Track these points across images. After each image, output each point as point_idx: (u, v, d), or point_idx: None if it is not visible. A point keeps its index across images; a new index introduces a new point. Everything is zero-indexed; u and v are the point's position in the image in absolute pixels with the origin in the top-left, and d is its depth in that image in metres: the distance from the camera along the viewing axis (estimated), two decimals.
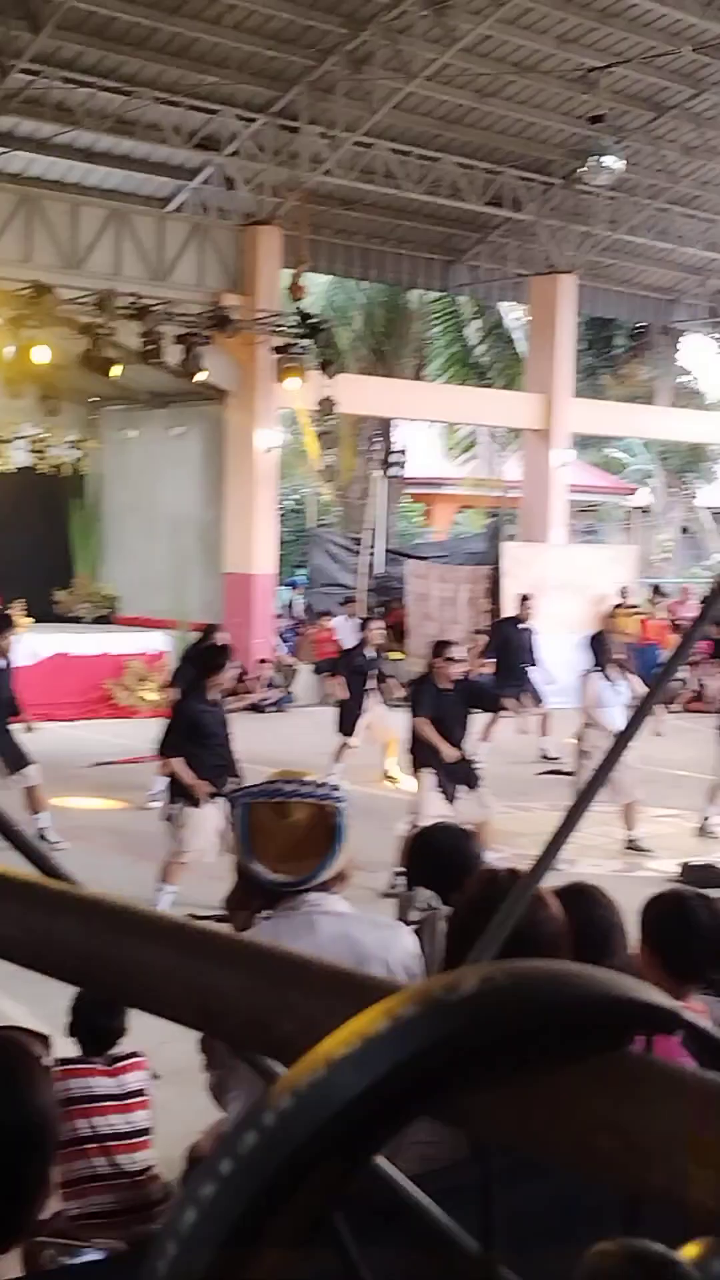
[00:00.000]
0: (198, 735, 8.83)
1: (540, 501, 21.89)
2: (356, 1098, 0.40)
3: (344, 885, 3.18)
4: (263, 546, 19.18)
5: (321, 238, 20.89)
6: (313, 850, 3.08)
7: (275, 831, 3.10)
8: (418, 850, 3.84)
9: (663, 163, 20.69)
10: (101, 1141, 3.94)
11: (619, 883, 6.30)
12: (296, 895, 3.07)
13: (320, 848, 3.08)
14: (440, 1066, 0.41)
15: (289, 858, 3.08)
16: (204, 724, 8.90)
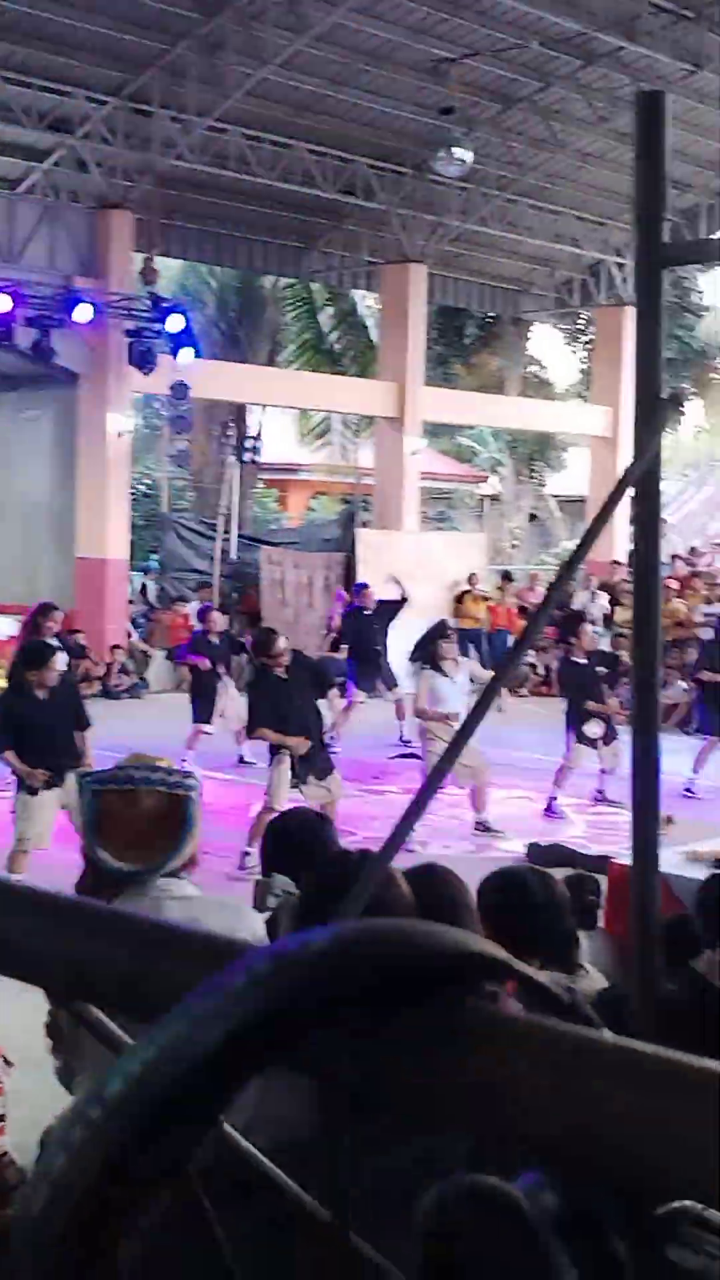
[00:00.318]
0: (24, 732, 8.60)
1: (393, 488, 22.07)
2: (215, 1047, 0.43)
3: (192, 869, 3.19)
4: (116, 531, 19.01)
5: (174, 222, 20.74)
6: (161, 838, 3.06)
7: (123, 819, 3.08)
8: (274, 837, 3.87)
9: (511, 154, 20.96)
10: None
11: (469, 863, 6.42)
12: (144, 882, 3.06)
13: (169, 836, 3.06)
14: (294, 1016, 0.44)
15: (137, 845, 3.05)
16: (29, 722, 8.64)
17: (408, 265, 21.91)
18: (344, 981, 0.45)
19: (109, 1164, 0.41)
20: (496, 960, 0.48)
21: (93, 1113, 0.42)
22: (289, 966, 0.45)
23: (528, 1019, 0.47)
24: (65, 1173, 0.41)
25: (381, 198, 21.12)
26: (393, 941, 0.47)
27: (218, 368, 21.34)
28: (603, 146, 21.97)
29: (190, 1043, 0.43)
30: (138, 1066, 0.43)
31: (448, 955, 0.47)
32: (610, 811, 12.09)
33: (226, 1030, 0.43)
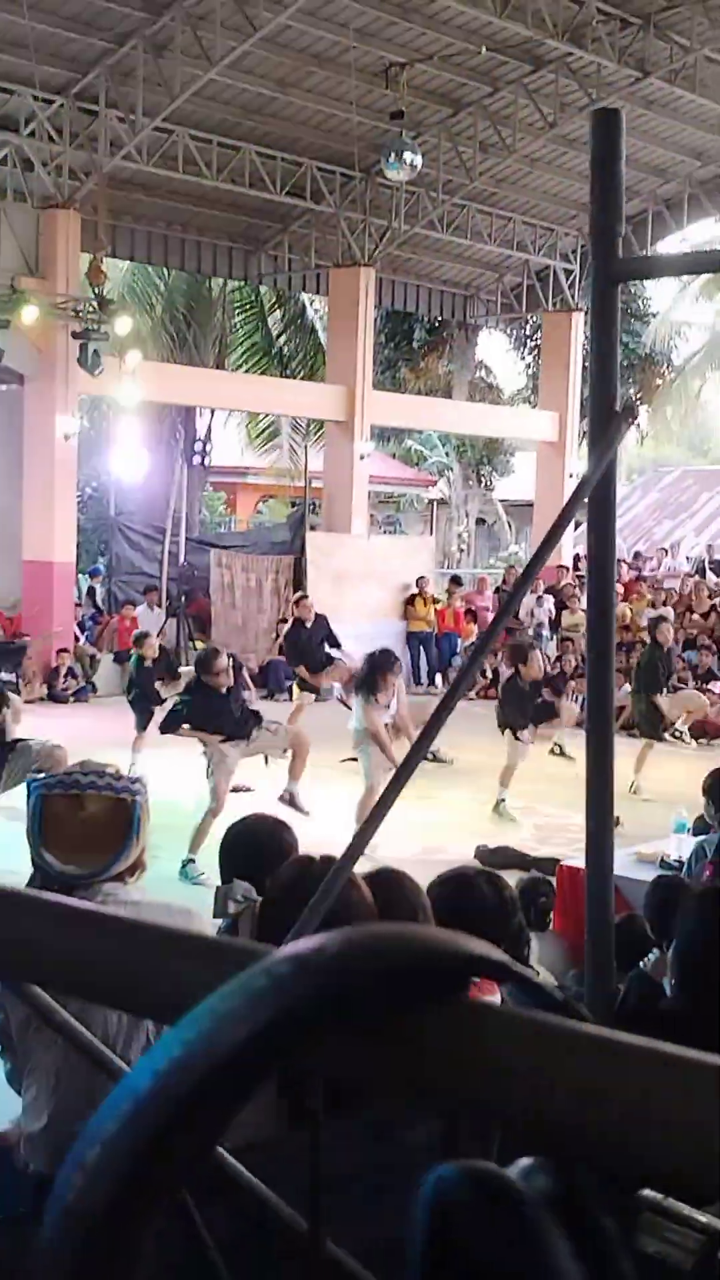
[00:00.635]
0: None
1: (342, 492, 22.11)
2: (240, 1044, 0.46)
3: (139, 874, 3.21)
4: (62, 534, 18.91)
5: (121, 223, 20.67)
6: (106, 843, 3.08)
7: (69, 823, 3.09)
8: (233, 842, 3.89)
9: (460, 159, 21.08)
10: None
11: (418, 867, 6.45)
12: (89, 886, 3.08)
13: (114, 840, 3.08)
14: (310, 1016, 0.47)
15: (82, 849, 3.07)
16: None
17: (356, 269, 21.97)
18: (358, 983, 0.48)
19: (140, 1154, 0.44)
20: (496, 961, 0.51)
21: (124, 1106, 0.45)
22: (307, 969, 0.47)
23: (528, 1014, 0.50)
24: (99, 1162, 0.44)
25: (330, 201, 21.17)
26: (400, 945, 0.50)
27: (166, 370, 21.31)
28: (551, 152, 22.15)
29: (216, 1040, 0.46)
30: (166, 1062, 0.45)
31: (451, 957, 0.50)
32: (558, 813, 12.18)
33: (251, 1029, 0.46)
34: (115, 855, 3.06)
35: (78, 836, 3.07)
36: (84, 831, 3.08)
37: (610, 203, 2.00)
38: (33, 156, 17.90)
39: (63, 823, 3.09)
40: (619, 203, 2.04)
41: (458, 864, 8.27)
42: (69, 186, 18.22)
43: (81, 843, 3.06)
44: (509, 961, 0.52)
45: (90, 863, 3.05)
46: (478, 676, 20.06)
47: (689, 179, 24.10)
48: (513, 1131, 0.49)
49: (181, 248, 22.36)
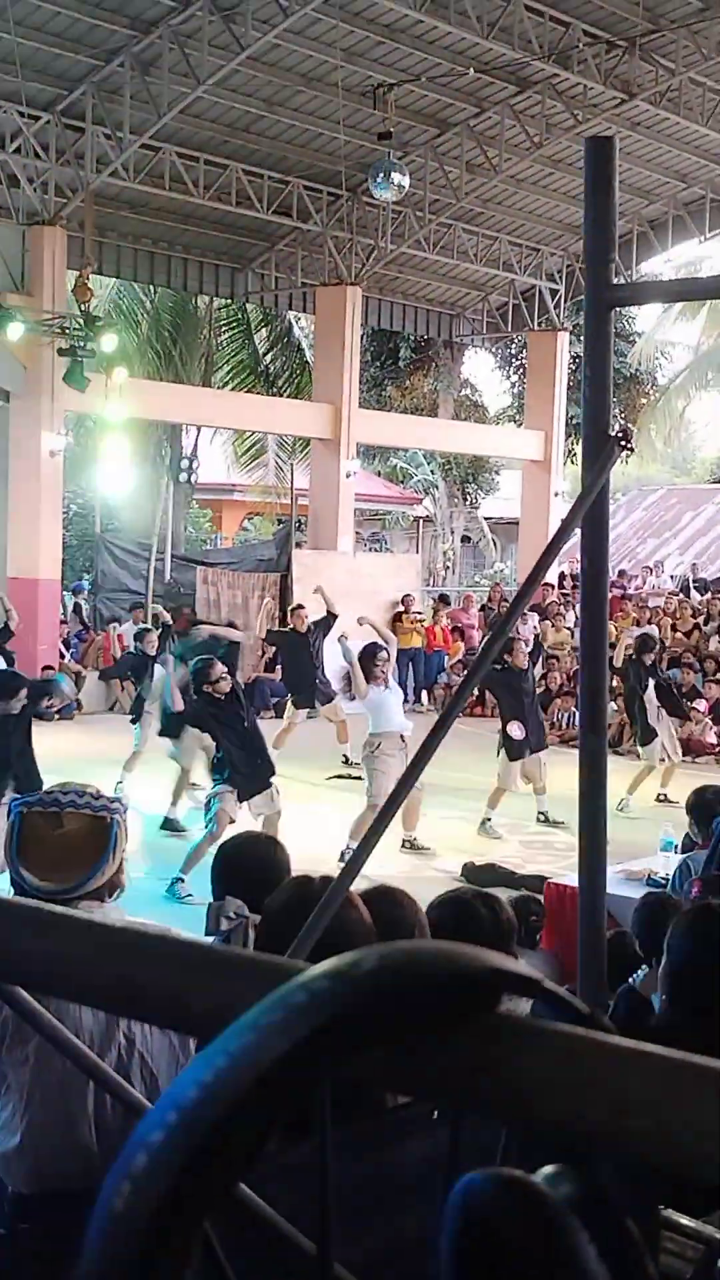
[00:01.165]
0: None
1: (328, 510, 22.14)
2: (282, 1057, 0.47)
3: (117, 894, 3.21)
4: (48, 551, 18.90)
5: (108, 240, 20.72)
6: (82, 860, 3.10)
7: (46, 840, 3.11)
8: (226, 860, 3.90)
9: (446, 179, 21.18)
10: None
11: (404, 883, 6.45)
12: (68, 904, 3.08)
13: (90, 858, 3.10)
14: (350, 1030, 0.48)
15: (59, 867, 3.09)
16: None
17: (343, 287, 22.04)
18: (394, 997, 0.49)
19: (187, 1164, 0.45)
20: (524, 977, 0.53)
21: (170, 1117, 0.46)
22: (345, 984, 0.49)
23: (554, 1026, 0.51)
24: (146, 1171, 0.45)
25: (317, 220, 21.26)
26: (433, 961, 0.51)
27: (152, 387, 21.33)
28: (537, 173, 22.27)
29: (258, 1053, 0.47)
30: (211, 1075, 0.47)
31: (482, 973, 0.51)
32: (544, 830, 12.21)
33: (292, 1042, 0.47)
34: (90, 872, 3.08)
35: (55, 853, 3.09)
36: (61, 848, 3.09)
37: (603, 229, 2.03)
38: (19, 173, 17.94)
39: (40, 840, 3.11)
40: (612, 228, 2.06)
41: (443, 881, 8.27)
42: (55, 203, 18.26)
43: (58, 860, 3.08)
44: (539, 976, 0.53)
45: (66, 879, 3.06)
46: None
47: (673, 200, 24.26)
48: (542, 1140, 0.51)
49: (168, 265, 22.41)
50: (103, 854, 3.10)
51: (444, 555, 34.35)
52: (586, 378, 2.04)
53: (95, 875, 3.08)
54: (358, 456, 23.27)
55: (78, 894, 3.07)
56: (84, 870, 3.07)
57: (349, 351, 22.24)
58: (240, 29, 16.68)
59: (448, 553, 34.53)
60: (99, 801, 3.20)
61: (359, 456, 23.61)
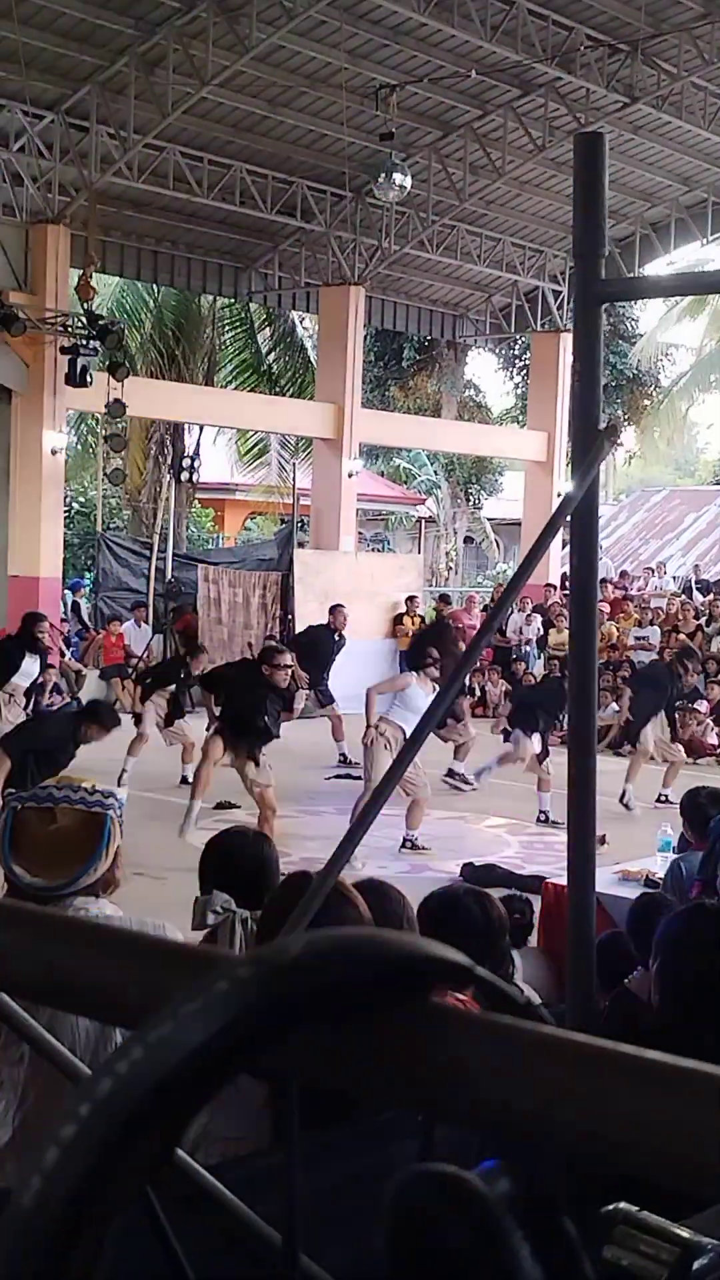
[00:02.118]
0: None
1: (330, 509, 22.13)
2: (199, 1046, 0.46)
3: (112, 889, 3.20)
4: (49, 550, 18.90)
5: (112, 239, 20.71)
6: (76, 856, 3.09)
7: (39, 836, 3.10)
8: (214, 855, 3.89)
9: (449, 181, 21.17)
10: None
11: (404, 883, 6.44)
12: (62, 900, 3.08)
13: (83, 853, 3.09)
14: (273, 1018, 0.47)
15: (51, 862, 3.08)
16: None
17: (346, 287, 22.03)
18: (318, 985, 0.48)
19: (98, 1156, 0.44)
20: (458, 965, 0.51)
21: (82, 1109, 0.45)
22: (268, 972, 0.47)
23: (488, 1016, 0.50)
24: (57, 1166, 0.44)
25: (320, 220, 21.25)
26: (362, 948, 0.50)
27: (155, 386, 21.34)
28: (540, 175, 22.26)
29: (175, 1043, 0.46)
30: (126, 1065, 0.45)
31: (413, 960, 0.50)
32: (545, 831, 12.19)
33: (210, 1031, 0.46)
34: (83, 868, 3.07)
35: (47, 849, 3.08)
36: (54, 844, 3.08)
37: (593, 224, 2.01)
38: (22, 172, 17.94)
39: (33, 835, 3.10)
40: (602, 224, 2.05)
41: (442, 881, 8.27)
42: (59, 202, 18.26)
43: (51, 855, 3.07)
44: (470, 964, 0.52)
45: (59, 875, 3.05)
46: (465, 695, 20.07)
47: (675, 204, 24.23)
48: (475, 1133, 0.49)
49: (171, 264, 22.40)
50: (96, 850, 3.09)
51: (446, 556, 34.34)
52: (576, 373, 2.03)
53: (88, 871, 3.08)
54: (360, 456, 23.26)
55: (70, 890, 3.06)
56: (77, 866, 3.07)
57: (352, 351, 22.23)
58: (245, 29, 16.68)
59: (450, 553, 34.52)
60: (93, 797, 3.19)
61: (362, 456, 23.61)
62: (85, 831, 3.10)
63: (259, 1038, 0.47)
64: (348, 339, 22.10)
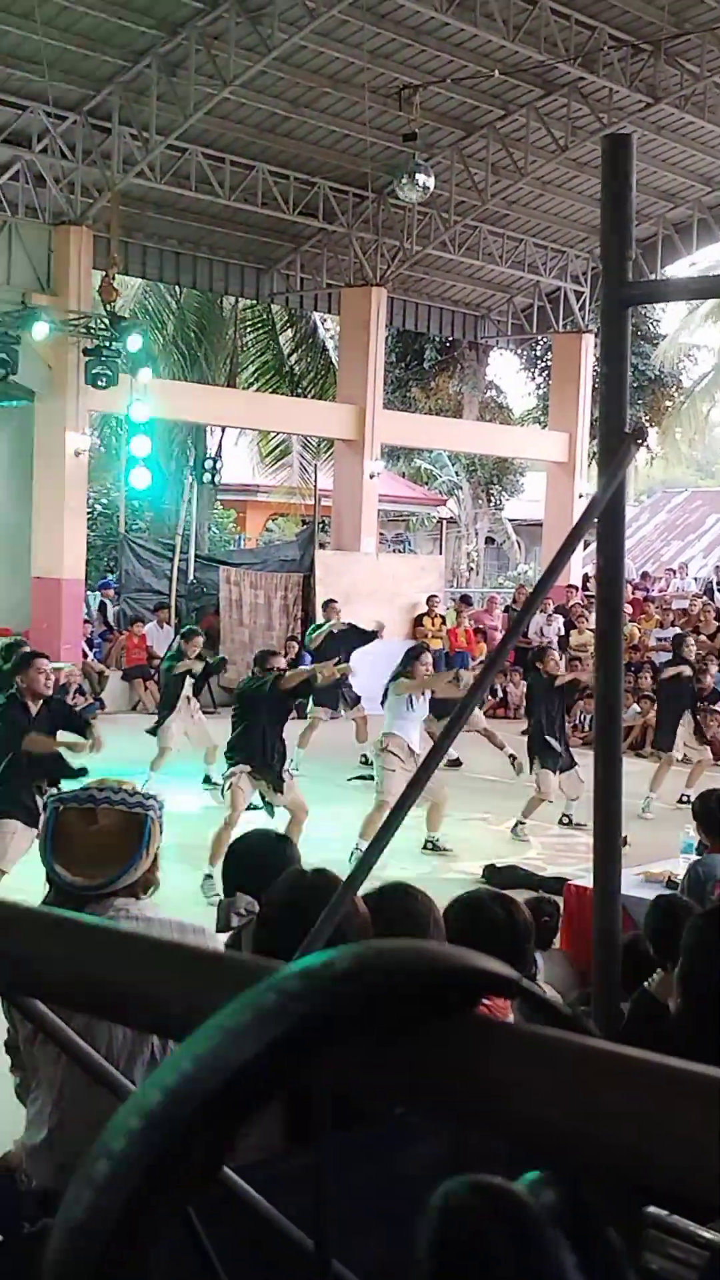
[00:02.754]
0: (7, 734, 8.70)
1: (352, 510, 22.14)
2: (249, 1061, 0.46)
3: (152, 890, 3.22)
4: (72, 551, 18.94)
5: (134, 240, 20.75)
6: (116, 856, 3.10)
7: (80, 836, 3.12)
8: (235, 857, 3.90)
9: (472, 181, 21.15)
10: None
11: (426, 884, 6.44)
12: (102, 900, 3.09)
13: (124, 853, 3.11)
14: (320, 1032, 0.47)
15: (91, 862, 3.10)
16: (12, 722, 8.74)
17: (368, 288, 22.03)
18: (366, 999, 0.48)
19: (149, 1171, 0.44)
20: (504, 977, 0.51)
21: (134, 1123, 0.45)
22: (316, 985, 0.48)
23: (533, 1029, 0.50)
24: (108, 1178, 0.44)
25: (342, 221, 21.26)
26: (408, 961, 0.50)
27: (177, 388, 21.37)
28: (562, 175, 22.23)
29: (226, 1056, 0.46)
30: (176, 1079, 0.45)
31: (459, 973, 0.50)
32: (567, 833, 12.17)
33: (259, 1046, 0.46)
34: (124, 868, 3.09)
35: (89, 849, 3.10)
36: (95, 844, 3.11)
37: (620, 227, 2.01)
38: (45, 173, 17.99)
39: (74, 835, 3.12)
40: (629, 227, 2.04)
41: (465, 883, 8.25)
42: (81, 203, 18.30)
43: (92, 855, 3.10)
44: (517, 977, 0.52)
45: (99, 875, 3.07)
46: (487, 695, 20.05)
47: (698, 204, 24.16)
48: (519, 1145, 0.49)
49: (193, 266, 22.44)
50: (136, 850, 3.11)
51: (468, 557, 34.31)
52: (603, 376, 2.03)
53: (129, 871, 3.10)
54: (382, 457, 23.26)
55: (110, 890, 3.08)
56: (117, 866, 3.09)
57: (374, 352, 22.23)
58: (267, 30, 16.69)
59: (471, 554, 34.49)
60: (134, 798, 3.21)
61: (383, 457, 23.60)
62: (126, 832, 3.13)
63: (308, 1051, 0.47)
64: (369, 340, 22.10)
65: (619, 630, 2.21)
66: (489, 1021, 0.50)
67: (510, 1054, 0.49)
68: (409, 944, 0.51)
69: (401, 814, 2.02)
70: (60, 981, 0.57)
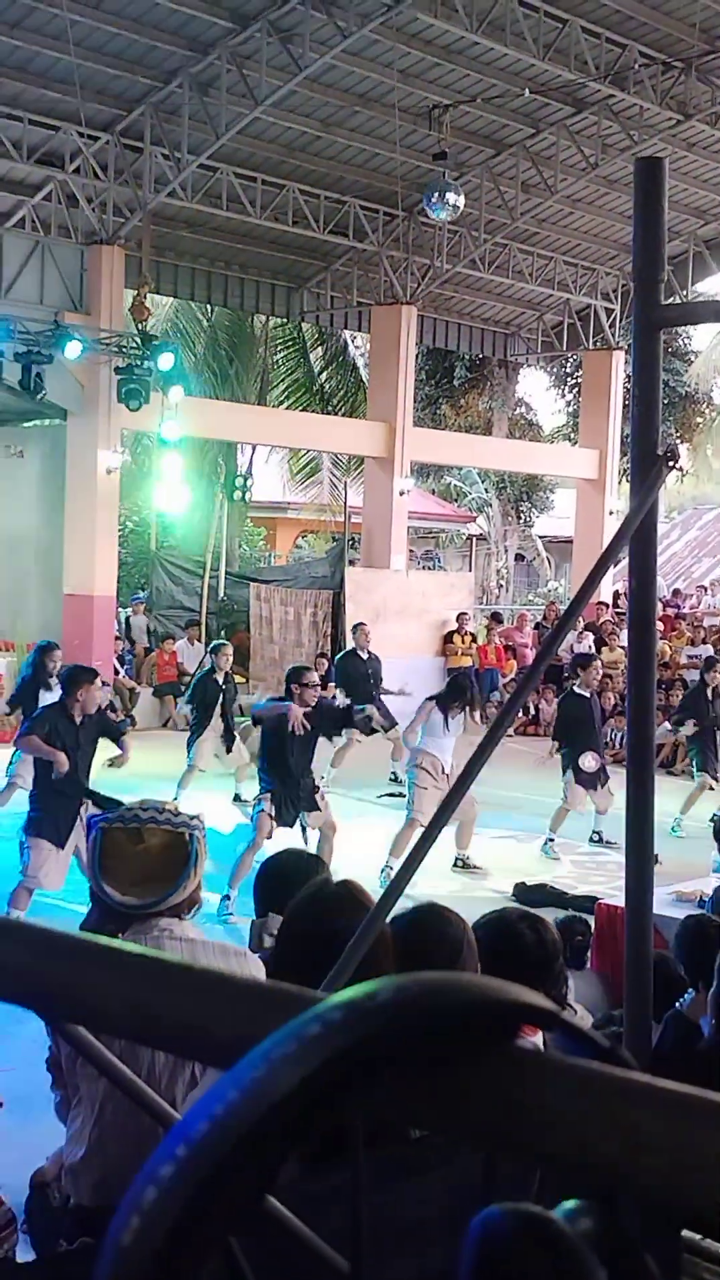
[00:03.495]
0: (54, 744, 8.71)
1: (382, 528, 22.17)
2: (293, 1090, 0.46)
3: (194, 910, 3.23)
4: (103, 568, 19.03)
5: (165, 259, 20.88)
6: (163, 875, 3.12)
7: (128, 856, 3.14)
8: (267, 876, 3.90)
9: (502, 199, 21.20)
10: None
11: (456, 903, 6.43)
12: (147, 919, 3.11)
13: (171, 873, 3.12)
14: (363, 1062, 0.48)
15: (140, 882, 3.12)
16: (61, 735, 8.77)
17: (398, 307, 22.09)
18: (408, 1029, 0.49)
19: (195, 1198, 0.45)
20: (543, 1010, 0.52)
21: (180, 1151, 0.46)
22: (359, 1015, 0.48)
23: (571, 1061, 0.50)
24: (154, 1205, 0.45)
25: (373, 239, 21.34)
26: (450, 992, 0.50)
27: (208, 406, 21.46)
28: (593, 193, 22.25)
29: (270, 1086, 0.47)
30: (221, 1108, 0.46)
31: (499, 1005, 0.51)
32: (597, 851, 12.13)
33: (303, 1075, 0.47)
34: (172, 887, 3.11)
35: (136, 869, 3.12)
36: (142, 864, 3.12)
37: (652, 250, 2.01)
38: (78, 193, 18.12)
39: (122, 855, 3.14)
40: (661, 250, 2.05)
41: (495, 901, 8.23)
42: (113, 223, 18.43)
43: (140, 875, 3.11)
44: (556, 1010, 0.52)
45: (148, 894, 3.09)
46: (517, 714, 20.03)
47: None
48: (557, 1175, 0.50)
49: (225, 284, 22.56)
50: (184, 870, 3.13)
51: (497, 574, 34.28)
52: (635, 397, 2.03)
53: (177, 890, 3.11)
54: (411, 475, 23.29)
55: (159, 909, 3.09)
56: (166, 886, 3.10)
57: (404, 370, 22.28)
58: (298, 50, 16.79)
59: (501, 571, 34.45)
60: (178, 818, 3.23)
61: (413, 475, 23.63)
62: (172, 852, 3.14)
63: (350, 1081, 0.48)
64: (399, 358, 22.15)
65: (651, 649, 2.21)
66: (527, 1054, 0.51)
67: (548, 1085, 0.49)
68: (450, 977, 0.51)
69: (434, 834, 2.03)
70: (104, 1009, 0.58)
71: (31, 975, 0.61)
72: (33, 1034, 3.04)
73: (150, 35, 16.58)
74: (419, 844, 1.82)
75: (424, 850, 1.71)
